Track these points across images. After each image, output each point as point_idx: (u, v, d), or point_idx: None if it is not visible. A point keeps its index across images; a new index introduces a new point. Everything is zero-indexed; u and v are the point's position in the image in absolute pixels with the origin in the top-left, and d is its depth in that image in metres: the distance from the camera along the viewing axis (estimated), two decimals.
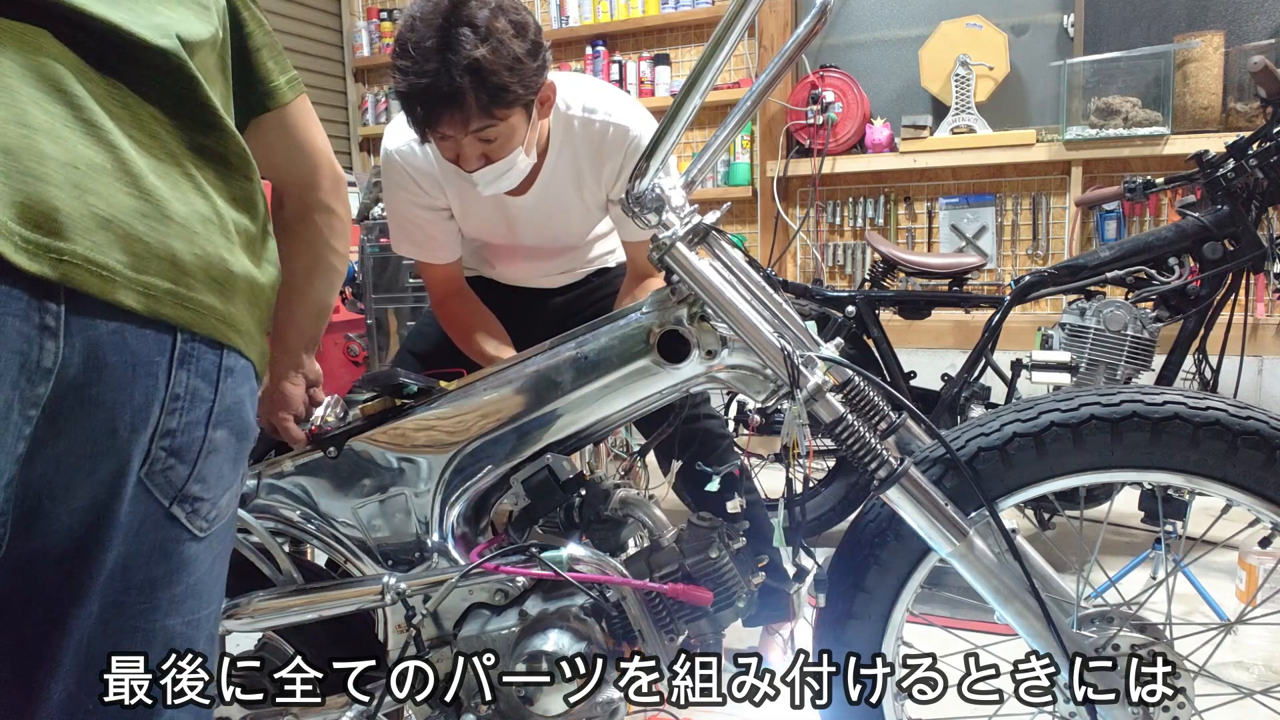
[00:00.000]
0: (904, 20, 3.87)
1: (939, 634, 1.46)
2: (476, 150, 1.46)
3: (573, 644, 1.16)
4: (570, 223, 1.76)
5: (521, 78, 1.39)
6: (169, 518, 0.74)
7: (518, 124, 1.45)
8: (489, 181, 1.52)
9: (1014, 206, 3.72)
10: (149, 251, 0.69)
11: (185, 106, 0.76)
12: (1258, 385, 3.35)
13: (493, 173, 1.50)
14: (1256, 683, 1.84)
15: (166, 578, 0.75)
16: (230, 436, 0.78)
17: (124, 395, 0.68)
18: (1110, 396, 1.07)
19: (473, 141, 1.44)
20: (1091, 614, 1.13)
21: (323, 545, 1.30)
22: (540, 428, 1.22)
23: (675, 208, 1.13)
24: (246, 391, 0.80)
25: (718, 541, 1.19)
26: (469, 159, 1.47)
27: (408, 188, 1.68)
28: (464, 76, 1.34)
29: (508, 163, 1.49)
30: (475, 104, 1.37)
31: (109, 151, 0.69)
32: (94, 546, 0.70)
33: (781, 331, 1.12)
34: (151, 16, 0.74)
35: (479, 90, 1.36)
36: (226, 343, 0.76)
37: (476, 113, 1.39)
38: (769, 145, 4.01)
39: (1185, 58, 3.34)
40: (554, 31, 4.39)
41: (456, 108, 1.37)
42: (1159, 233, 2.36)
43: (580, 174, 1.66)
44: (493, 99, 1.38)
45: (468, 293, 1.79)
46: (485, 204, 1.67)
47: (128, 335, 0.68)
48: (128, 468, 0.70)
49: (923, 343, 3.60)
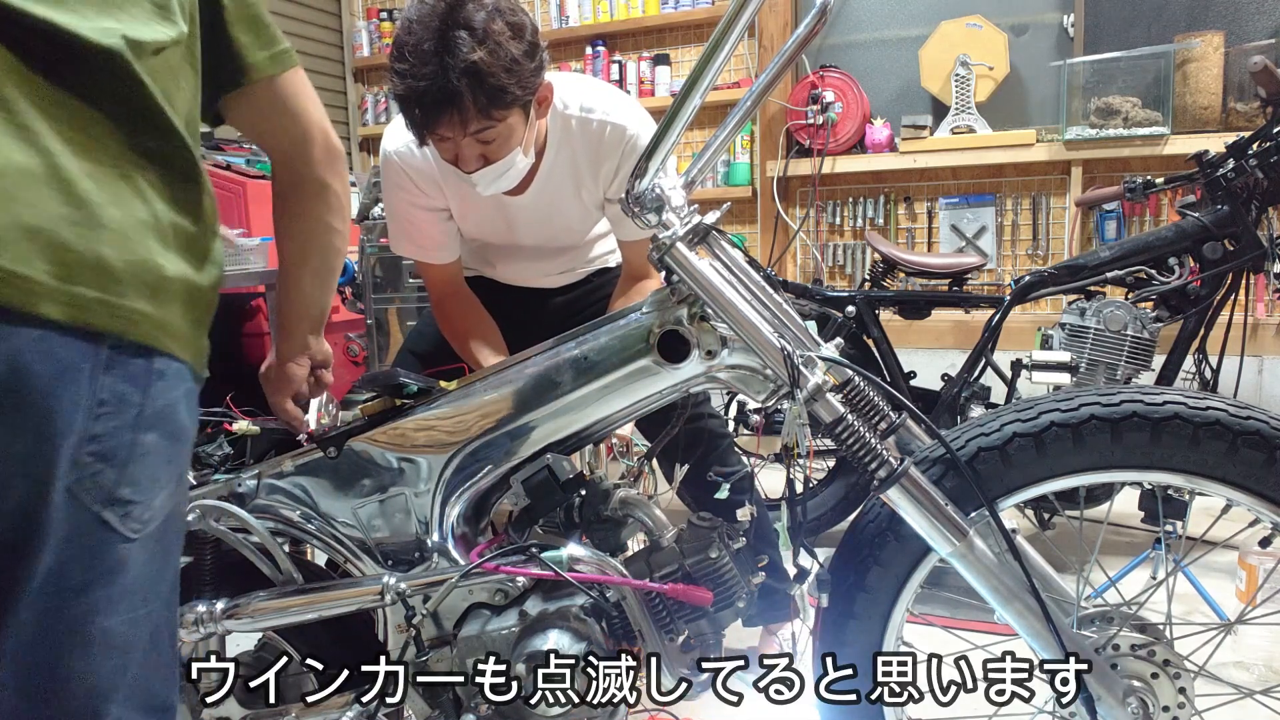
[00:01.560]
0: (904, 20, 3.87)
1: (939, 634, 1.46)
2: (475, 151, 1.46)
3: (573, 644, 1.16)
4: (569, 222, 1.76)
5: (519, 79, 1.39)
6: (100, 522, 0.74)
7: (516, 124, 1.46)
8: (488, 182, 1.52)
9: (1014, 206, 3.72)
10: (78, 260, 0.70)
11: (129, 109, 0.76)
12: (1258, 385, 3.35)
13: (492, 173, 1.50)
14: (1256, 683, 1.84)
15: (101, 579, 0.75)
16: (162, 439, 0.78)
17: (49, 402, 0.69)
18: (1110, 396, 1.07)
19: (471, 143, 1.44)
20: (1091, 614, 1.14)
21: (323, 545, 1.30)
22: (540, 428, 1.22)
23: (675, 208, 1.12)
24: (180, 394, 0.80)
25: (718, 541, 1.19)
26: (468, 160, 1.48)
27: (406, 188, 1.69)
28: (461, 79, 1.34)
29: (506, 163, 1.49)
30: (473, 106, 1.37)
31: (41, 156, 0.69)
32: (25, 551, 0.70)
33: (781, 331, 1.12)
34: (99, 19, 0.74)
35: (477, 93, 1.36)
36: (157, 347, 0.77)
37: (475, 115, 1.39)
38: (769, 145, 4.01)
39: (1185, 58, 3.34)
40: (554, 31, 4.39)
41: (455, 110, 1.38)
42: (1159, 233, 2.36)
43: (578, 173, 1.66)
44: (491, 101, 1.38)
45: (466, 293, 1.79)
46: (484, 204, 1.68)
47: (53, 344, 0.68)
48: (54, 473, 0.70)
49: (923, 343, 3.60)
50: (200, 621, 1.24)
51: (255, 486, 1.31)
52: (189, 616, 1.25)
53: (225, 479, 1.31)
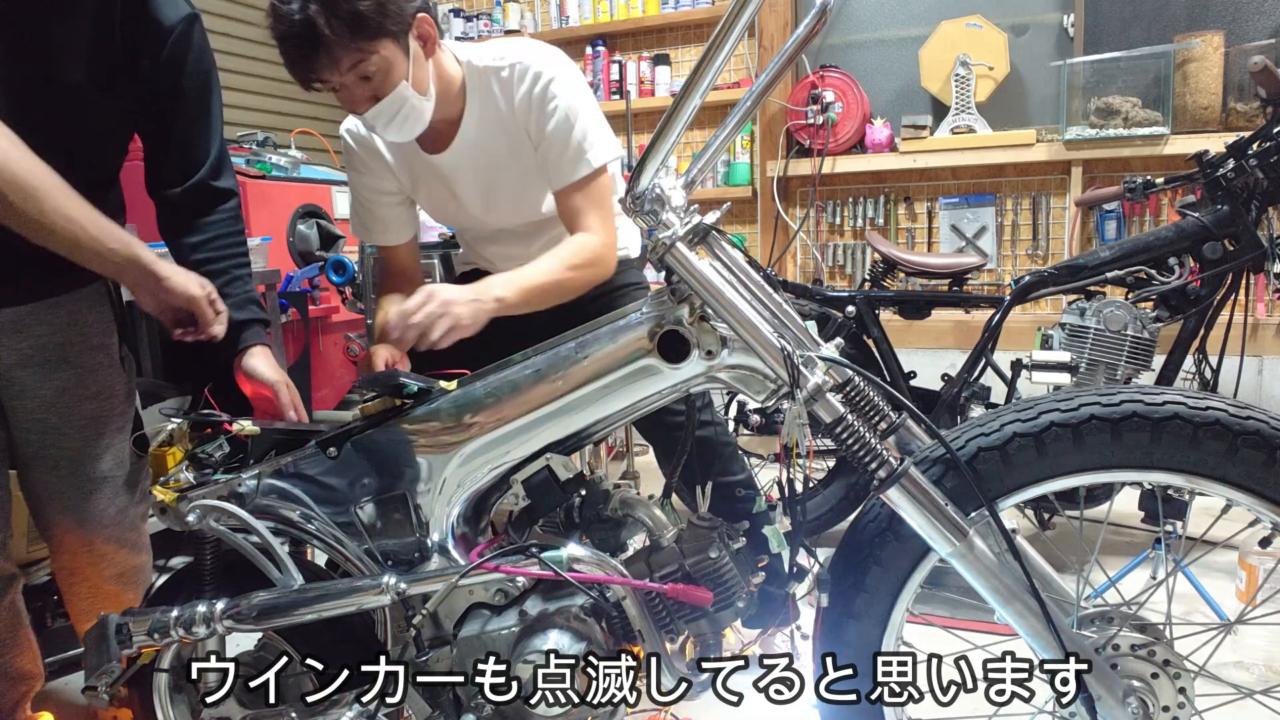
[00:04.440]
0: (904, 20, 3.87)
1: (939, 634, 1.46)
2: (362, 92, 1.50)
3: (573, 644, 1.16)
4: (515, 187, 1.76)
5: (377, 6, 1.42)
6: None
7: (394, 58, 1.48)
8: (384, 123, 1.55)
9: (1014, 206, 3.72)
10: None
11: None
12: (1258, 385, 3.35)
13: (385, 112, 1.53)
14: (1256, 683, 1.84)
15: None
16: None
17: None
18: (1110, 396, 1.07)
19: (355, 81, 1.48)
20: (1091, 614, 1.13)
21: (323, 545, 1.30)
22: (540, 428, 1.22)
23: (675, 208, 1.12)
24: None
25: (718, 541, 1.19)
26: (358, 101, 1.52)
27: (358, 168, 1.76)
28: (314, 9, 1.38)
29: (395, 99, 1.52)
30: (333, 34, 1.40)
31: None
32: None
33: (781, 331, 1.12)
34: None
35: (331, 18, 1.39)
36: None
37: (341, 46, 1.42)
38: (769, 145, 4.01)
39: (1185, 58, 3.34)
40: (554, 31, 4.39)
41: (320, 46, 1.41)
42: (1159, 233, 2.37)
43: (507, 128, 1.68)
44: (351, 29, 1.41)
45: (414, 277, 1.84)
46: (427, 172, 1.73)
47: None
48: None
49: (923, 343, 3.60)
50: (200, 621, 1.24)
51: (255, 486, 1.31)
52: (189, 616, 1.25)
53: (225, 479, 1.32)
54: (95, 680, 1.22)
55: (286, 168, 3.23)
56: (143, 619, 1.26)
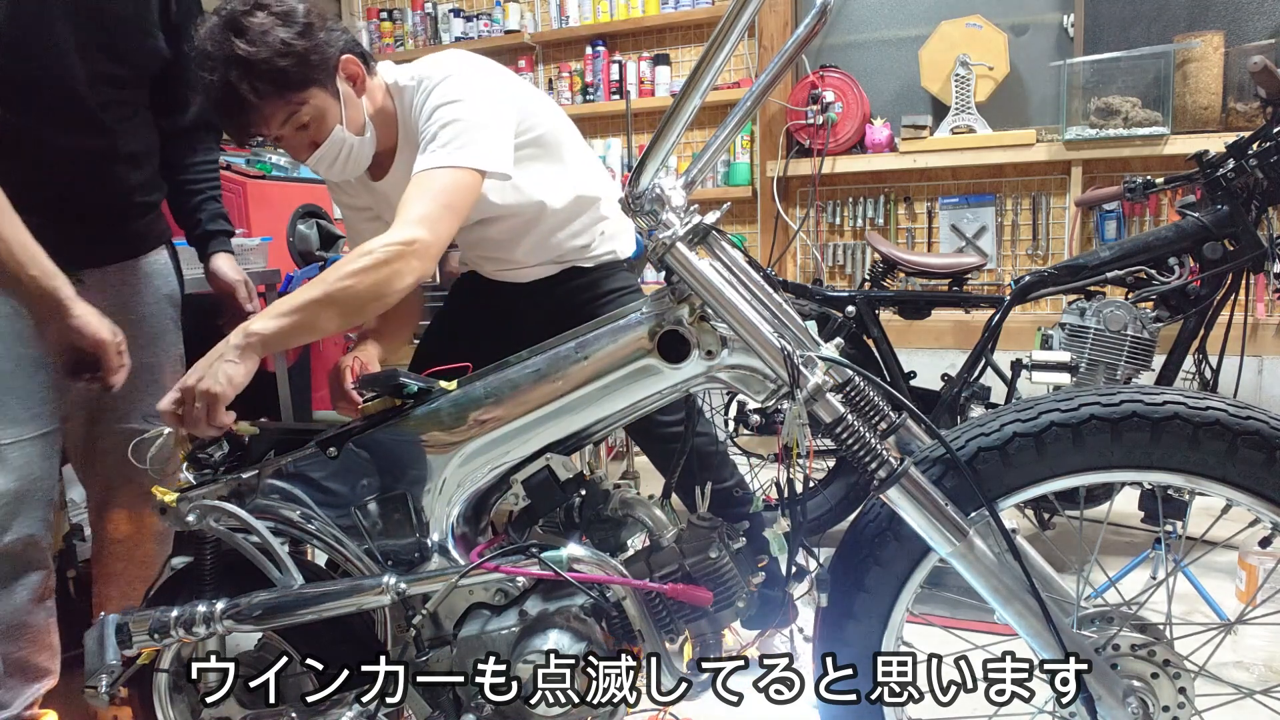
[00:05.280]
0: (904, 20, 3.87)
1: (939, 634, 1.46)
2: (300, 140, 1.51)
3: (573, 644, 1.16)
4: None
5: (297, 59, 1.42)
6: None
7: (324, 104, 1.49)
8: (327, 166, 1.56)
9: (1014, 206, 3.72)
10: None
11: None
12: (1258, 385, 3.35)
13: (326, 157, 1.53)
14: (1256, 683, 1.84)
15: None
16: None
17: None
18: (1110, 396, 1.07)
19: (292, 132, 1.49)
20: (1091, 614, 1.14)
21: (323, 545, 1.30)
22: (540, 428, 1.22)
23: (675, 208, 1.12)
24: None
25: (718, 541, 1.19)
26: (298, 149, 1.52)
27: (337, 184, 1.78)
28: (232, 72, 1.39)
29: (334, 143, 1.52)
30: (257, 97, 1.41)
31: None
32: None
33: (781, 331, 1.12)
34: None
35: (254, 81, 1.40)
36: None
37: (269, 105, 1.43)
38: (769, 145, 4.01)
39: (1185, 58, 3.34)
40: (554, 31, 4.39)
41: (246, 108, 1.42)
42: (1159, 233, 2.37)
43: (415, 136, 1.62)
44: (276, 85, 1.42)
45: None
46: (378, 198, 1.73)
47: None
48: None
49: (923, 343, 3.60)
50: (200, 621, 1.24)
51: (255, 486, 1.31)
52: (189, 616, 1.25)
53: (225, 479, 1.32)
54: (95, 680, 1.22)
55: (286, 168, 3.23)
56: (143, 619, 1.26)
